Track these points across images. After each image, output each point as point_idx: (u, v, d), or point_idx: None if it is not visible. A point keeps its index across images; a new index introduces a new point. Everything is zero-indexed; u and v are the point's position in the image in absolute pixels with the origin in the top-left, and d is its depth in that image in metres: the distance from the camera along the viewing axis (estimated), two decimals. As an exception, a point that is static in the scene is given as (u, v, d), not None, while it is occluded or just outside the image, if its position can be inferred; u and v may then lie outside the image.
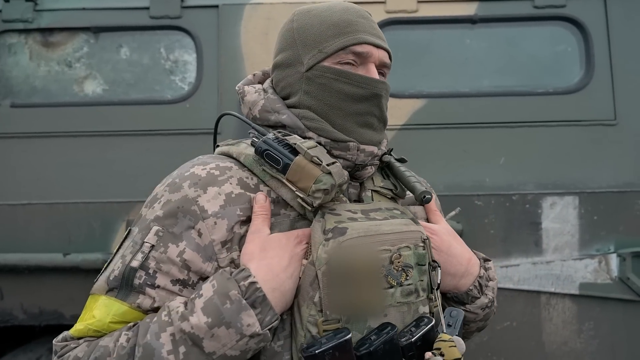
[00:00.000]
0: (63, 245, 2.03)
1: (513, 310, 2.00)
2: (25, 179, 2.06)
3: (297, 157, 0.92)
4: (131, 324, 0.88)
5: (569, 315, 2.00)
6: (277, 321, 0.86)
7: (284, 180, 0.93)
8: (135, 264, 0.89)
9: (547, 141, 2.04)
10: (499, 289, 1.99)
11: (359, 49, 0.98)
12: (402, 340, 0.89)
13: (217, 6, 2.12)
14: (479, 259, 1.14)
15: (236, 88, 1.11)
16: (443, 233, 1.09)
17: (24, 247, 2.03)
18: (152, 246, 0.90)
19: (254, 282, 0.84)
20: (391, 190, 1.06)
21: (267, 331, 0.84)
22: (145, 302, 0.88)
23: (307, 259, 0.90)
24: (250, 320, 0.82)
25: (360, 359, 0.86)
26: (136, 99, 2.11)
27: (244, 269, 0.86)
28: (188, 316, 0.82)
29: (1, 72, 2.15)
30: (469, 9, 2.11)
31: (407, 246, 0.94)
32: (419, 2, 2.11)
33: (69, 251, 2.02)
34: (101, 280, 0.92)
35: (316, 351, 0.82)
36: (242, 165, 0.99)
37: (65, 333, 0.92)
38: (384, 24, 2.11)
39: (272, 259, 0.87)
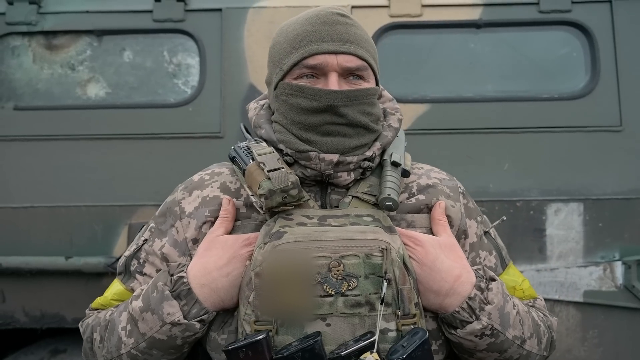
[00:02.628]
0: (65, 248, 2.03)
1: (516, 318, 1.99)
2: (27, 182, 2.06)
3: (251, 163, 0.98)
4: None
5: (573, 323, 1.98)
6: (207, 315, 0.94)
7: (245, 185, 1.00)
8: (129, 253, 1.08)
9: (552, 147, 2.02)
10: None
11: (311, 61, 0.99)
12: (335, 352, 0.85)
13: (220, 10, 2.11)
14: (483, 279, 0.99)
15: (246, 107, 1.17)
16: (430, 245, 0.98)
17: (25, 250, 2.03)
18: (145, 240, 1.07)
19: (182, 277, 0.95)
20: (375, 196, 1.01)
21: (195, 322, 0.93)
22: (136, 285, 1.05)
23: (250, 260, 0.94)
24: (171, 310, 0.92)
25: None
26: (139, 102, 2.11)
27: (183, 265, 0.99)
28: (133, 300, 0.98)
29: (4, 74, 2.15)
30: (473, 14, 2.09)
31: (354, 254, 0.88)
32: (423, 6, 2.10)
33: (70, 254, 2.02)
34: (118, 267, 1.11)
35: (230, 347, 0.86)
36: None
37: (90, 306, 1.13)
38: (387, 29, 2.10)
39: (209, 258, 0.96)
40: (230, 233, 1.01)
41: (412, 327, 0.90)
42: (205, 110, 2.08)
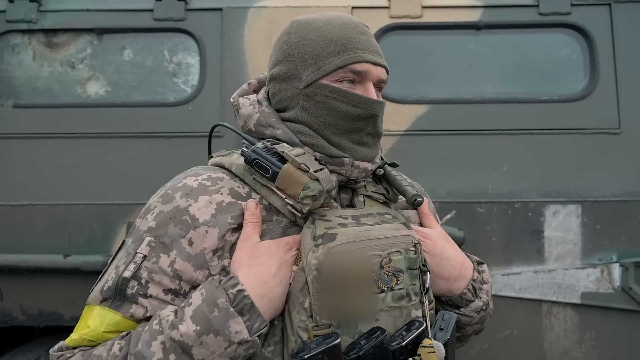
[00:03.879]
0: (63, 246, 2.03)
1: (514, 319, 1.99)
2: (26, 180, 2.06)
3: (286, 164, 0.93)
4: (124, 333, 0.89)
5: (570, 325, 1.99)
6: (266, 328, 0.87)
7: (274, 188, 0.95)
8: (127, 274, 0.91)
9: (551, 149, 2.02)
10: (500, 297, 1.98)
11: (358, 67, 0.98)
12: (393, 344, 0.90)
13: (221, 9, 2.12)
14: (473, 262, 1.15)
15: (231, 100, 1.10)
16: (436, 237, 1.09)
17: (24, 248, 2.03)
18: (145, 257, 0.92)
19: (241, 290, 0.86)
20: (383, 194, 1.08)
21: (256, 338, 0.86)
22: (138, 311, 0.90)
23: (297, 265, 0.91)
24: (239, 328, 0.83)
25: None
26: (139, 101, 2.11)
27: (232, 277, 0.88)
28: (177, 324, 0.84)
29: (4, 72, 2.15)
30: (473, 15, 2.10)
31: (397, 251, 0.94)
32: (423, 7, 2.11)
33: (69, 253, 2.01)
34: (95, 291, 0.93)
35: (305, 356, 0.83)
36: (234, 175, 1.01)
37: (61, 343, 0.93)
38: (388, 29, 2.10)
39: (260, 266, 0.88)
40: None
41: (431, 312, 1.00)
42: (205, 109, 2.08)
